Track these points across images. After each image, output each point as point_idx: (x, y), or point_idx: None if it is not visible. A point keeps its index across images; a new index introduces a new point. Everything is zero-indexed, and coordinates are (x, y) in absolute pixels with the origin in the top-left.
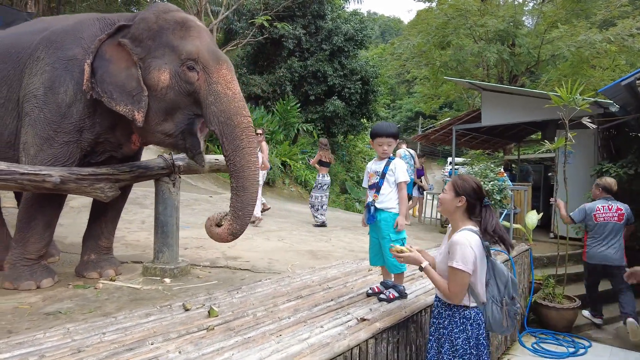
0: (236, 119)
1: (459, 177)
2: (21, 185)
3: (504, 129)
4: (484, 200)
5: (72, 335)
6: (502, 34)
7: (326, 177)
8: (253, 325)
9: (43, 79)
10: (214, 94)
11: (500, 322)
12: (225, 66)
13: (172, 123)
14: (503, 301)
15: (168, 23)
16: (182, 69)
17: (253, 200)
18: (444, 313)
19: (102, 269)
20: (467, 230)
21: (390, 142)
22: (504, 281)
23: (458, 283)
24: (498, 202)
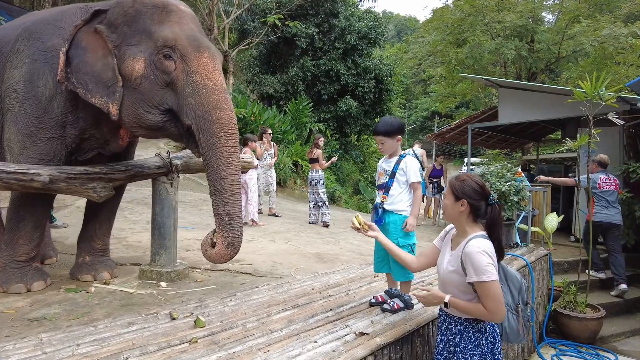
0: (215, 113)
1: (456, 178)
2: (8, 185)
3: (522, 128)
4: (489, 199)
5: (44, 346)
6: (520, 30)
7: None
8: (241, 338)
9: (23, 72)
10: (192, 85)
11: (517, 332)
12: (207, 54)
13: (154, 113)
14: (519, 308)
15: (146, 7)
16: (157, 57)
17: (236, 201)
18: (454, 328)
19: (97, 271)
20: (477, 237)
21: (382, 140)
22: (517, 286)
23: (495, 296)
24: (515, 204)
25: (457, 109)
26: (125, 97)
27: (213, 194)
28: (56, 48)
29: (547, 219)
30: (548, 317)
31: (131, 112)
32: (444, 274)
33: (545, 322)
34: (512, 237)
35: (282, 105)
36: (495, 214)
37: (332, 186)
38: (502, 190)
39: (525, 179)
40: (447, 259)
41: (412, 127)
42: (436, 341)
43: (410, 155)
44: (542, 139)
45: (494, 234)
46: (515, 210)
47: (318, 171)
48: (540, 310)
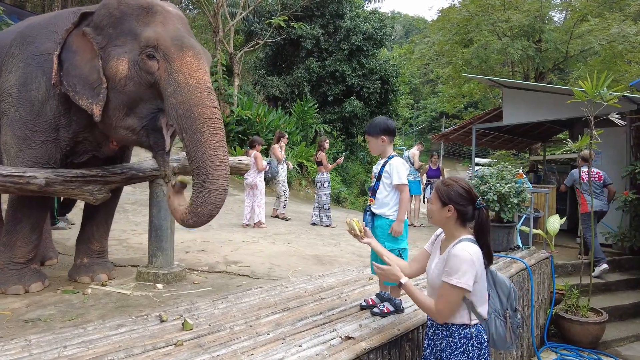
0: (197, 110)
1: (442, 183)
2: (4, 188)
3: (528, 128)
4: (476, 203)
5: (32, 348)
6: (527, 30)
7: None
8: (226, 341)
9: (17, 75)
10: (174, 85)
11: (504, 338)
12: (191, 54)
13: (135, 118)
14: (507, 314)
15: (131, 8)
16: (141, 57)
17: (216, 198)
18: (441, 334)
19: (94, 273)
20: (465, 241)
21: (368, 139)
22: (506, 292)
23: (449, 300)
24: (515, 206)
25: (465, 110)
26: (110, 99)
27: (195, 186)
28: (49, 52)
29: (549, 221)
30: (549, 321)
31: (112, 114)
32: (431, 278)
33: (547, 326)
34: (513, 239)
35: (287, 106)
36: (483, 219)
37: (338, 187)
38: (502, 192)
39: (526, 180)
40: (435, 263)
41: (420, 127)
42: (423, 346)
43: (397, 157)
44: (549, 140)
45: (482, 238)
46: (516, 212)
47: (324, 173)
48: (541, 313)
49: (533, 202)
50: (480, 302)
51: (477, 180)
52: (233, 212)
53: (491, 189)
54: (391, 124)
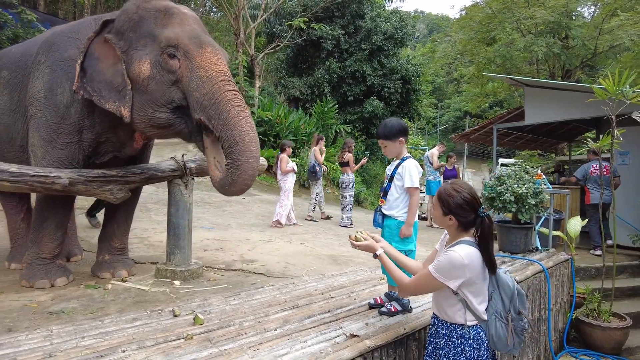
0: (219, 95)
1: (445, 190)
2: (32, 187)
3: (552, 128)
4: (479, 211)
5: (53, 338)
6: (552, 26)
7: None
8: (234, 336)
9: (44, 81)
10: (196, 79)
11: (504, 340)
12: (209, 49)
13: (164, 112)
14: (508, 316)
15: (149, 12)
16: (162, 57)
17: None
18: (441, 332)
19: (115, 269)
20: (463, 243)
21: (383, 144)
22: (508, 294)
23: (421, 284)
24: (533, 207)
25: (490, 109)
26: (135, 99)
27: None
28: (72, 58)
29: (569, 222)
30: (569, 325)
31: (142, 113)
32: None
33: (566, 330)
34: (531, 241)
35: (308, 107)
36: (485, 227)
37: (358, 187)
38: (519, 193)
39: (545, 181)
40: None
41: (444, 127)
42: (426, 343)
43: (411, 158)
44: (575, 139)
45: (483, 246)
46: (535, 213)
47: (349, 174)
48: (561, 317)
49: (553, 203)
50: (477, 302)
51: (493, 181)
52: (252, 212)
53: (508, 189)
54: (405, 124)
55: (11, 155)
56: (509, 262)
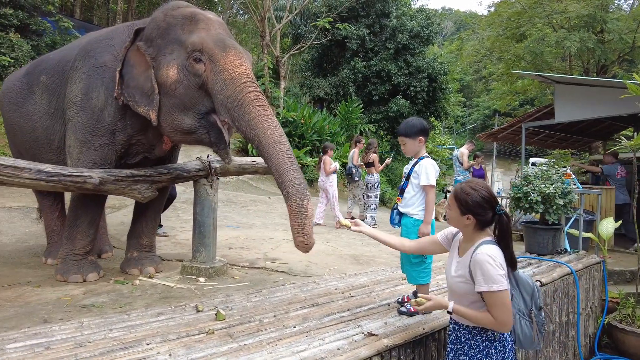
0: (241, 97)
1: (462, 189)
2: (65, 186)
3: (584, 126)
4: (496, 209)
5: (83, 329)
6: (587, 20)
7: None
8: (254, 332)
9: (80, 86)
10: (221, 82)
11: (530, 338)
12: (233, 53)
13: (189, 118)
14: (532, 314)
15: (176, 19)
16: (188, 61)
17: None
18: (463, 337)
19: (143, 266)
20: (486, 244)
21: (403, 142)
22: (529, 291)
23: (502, 306)
24: (562, 207)
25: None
26: (162, 103)
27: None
28: (107, 64)
29: (601, 224)
30: (601, 330)
31: (168, 117)
32: (451, 282)
33: (598, 335)
34: (559, 242)
35: (333, 107)
36: (504, 224)
37: (383, 187)
38: (546, 193)
39: (575, 180)
40: (454, 266)
41: (472, 126)
42: (446, 350)
43: (428, 158)
44: (611, 137)
45: (504, 243)
46: (563, 214)
47: (374, 175)
48: (591, 322)
49: (583, 204)
50: None
51: (520, 181)
52: (276, 212)
53: (535, 189)
54: (426, 124)
55: (49, 155)
56: (535, 263)
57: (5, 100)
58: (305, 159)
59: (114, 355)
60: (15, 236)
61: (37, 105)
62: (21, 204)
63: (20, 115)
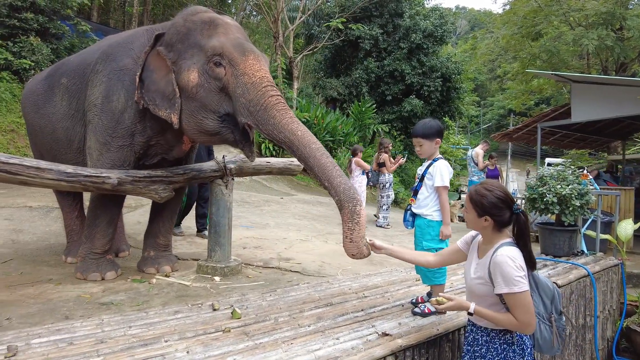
0: (264, 101)
1: (476, 191)
2: (85, 186)
3: (602, 126)
4: (513, 208)
5: (104, 326)
6: (605, 17)
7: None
8: (269, 330)
9: (101, 89)
10: (241, 86)
11: (550, 342)
12: (252, 56)
13: (212, 120)
14: (552, 318)
15: (195, 24)
16: (209, 65)
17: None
18: (480, 339)
19: (159, 265)
20: (505, 245)
21: (420, 143)
22: (549, 295)
23: (525, 307)
24: (578, 209)
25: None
26: (184, 107)
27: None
28: (127, 67)
29: (620, 225)
30: (619, 334)
31: (191, 120)
32: (470, 283)
33: (616, 339)
34: (576, 244)
35: (346, 107)
36: (522, 223)
37: (396, 188)
38: (562, 194)
39: (592, 181)
40: (473, 268)
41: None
42: (463, 351)
43: (442, 159)
44: (630, 137)
45: (522, 243)
46: (580, 215)
47: (386, 175)
48: (609, 326)
49: (601, 205)
50: None
51: (535, 182)
52: (289, 212)
53: (550, 190)
54: (442, 125)
55: (69, 156)
56: (551, 265)
57: (27, 102)
58: None
59: (134, 351)
60: (36, 235)
61: (58, 107)
62: (42, 203)
63: (41, 117)
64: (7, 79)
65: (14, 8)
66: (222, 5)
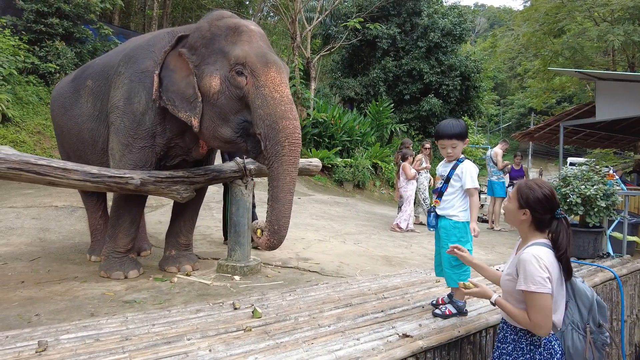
0: (281, 123)
1: (526, 183)
2: (109, 187)
3: (629, 124)
4: (556, 212)
5: (128, 324)
6: (632, 12)
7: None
8: (290, 330)
9: (123, 91)
10: (261, 98)
11: (582, 354)
12: (274, 69)
13: (228, 128)
14: (587, 328)
15: (220, 30)
16: (231, 74)
17: (287, 211)
18: (509, 337)
19: (180, 264)
20: (537, 245)
21: (454, 144)
22: (587, 304)
23: (540, 308)
24: (604, 210)
25: (558, 105)
26: (204, 111)
27: (269, 200)
28: (149, 69)
29: None
30: None
31: (209, 125)
32: (502, 280)
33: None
34: (601, 246)
35: (363, 107)
36: (562, 229)
37: None
38: (587, 195)
39: (618, 182)
40: (508, 264)
41: (507, 124)
42: (494, 348)
43: (468, 160)
44: None
45: (559, 250)
46: (605, 216)
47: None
48: (637, 331)
49: (627, 206)
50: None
51: (558, 182)
52: (307, 212)
53: (574, 191)
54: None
55: (94, 157)
56: (575, 267)
57: (55, 104)
58: (335, 160)
59: (158, 349)
60: (62, 234)
61: (84, 108)
62: (67, 203)
63: (69, 119)
64: (34, 82)
65: (40, 14)
66: (239, 7)
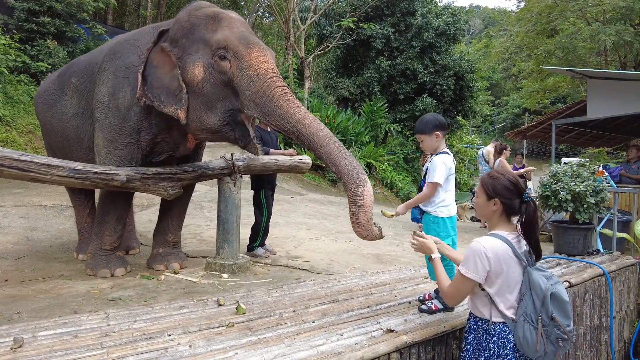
0: (270, 92)
1: (488, 175)
2: (94, 183)
3: (620, 123)
4: (523, 196)
5: (109, 320)
6: (624, 12)
7: None
8: (273, 326)
9: (107, 87)
10: (247, 78)
11: (533, 346)
12: (257, 49)
13: (215, 117)
14: (539, 320)
15: (199, 19)
16: (214, 59)
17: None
18: (472, 327)
19: (168, 262)
20: (494, 236)
21: (420, 138)
22: (540, 296)
23: (458, 288)
24: (593, 206)
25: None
26: (190, 102)
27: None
28: (133, 65)
29: (638, 223)
30: (637, 335)
31: (194, 115)
32: None
33: (633, 340)
34: (591, 243)
35: (357, 107)
36: (530, 212)
37: (407, 188)
38: (576, 191)
39: (608, 178)
40: None
41: (501, 125)
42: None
43: (443, 154)
44: None
45: (530, 233)
46: (595, 213)
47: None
48: (626, 327)
49: (617, 203)
50: (501, 300)
51: (548, 179)
52: (300, 211)
53: (564, 187)
54: (442, 118)
55: (80, 154)
56: (565, 264)
57: (39, 101)
58: None
59: (137, 344)
60: (50, 232)
61: (68, 105)
62: (56, 202)
63: (53, 116)
64: (25, 81)
65: (31, 12)
66: (234, 7)
